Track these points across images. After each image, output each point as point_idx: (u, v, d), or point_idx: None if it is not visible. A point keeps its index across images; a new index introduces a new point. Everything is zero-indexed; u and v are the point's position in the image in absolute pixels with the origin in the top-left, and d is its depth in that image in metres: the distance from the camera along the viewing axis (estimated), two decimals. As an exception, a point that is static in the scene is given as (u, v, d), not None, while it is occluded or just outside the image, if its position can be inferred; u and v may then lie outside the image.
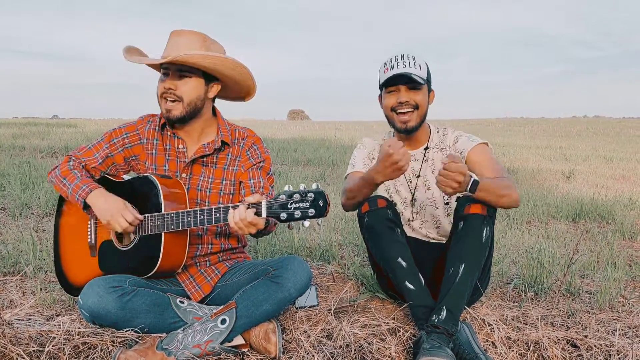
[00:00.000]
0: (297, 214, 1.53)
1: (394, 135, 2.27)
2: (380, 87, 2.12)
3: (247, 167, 1.99)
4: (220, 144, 1.97)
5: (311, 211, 1.52)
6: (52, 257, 2.61)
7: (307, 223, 1.54)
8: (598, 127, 26.25)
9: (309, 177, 6.30)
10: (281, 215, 1.55)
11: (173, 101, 1.85)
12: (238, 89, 2.02)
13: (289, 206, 1.54)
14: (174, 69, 1.83)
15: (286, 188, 1.57)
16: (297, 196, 1.54)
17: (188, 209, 1.74)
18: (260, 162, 2.00)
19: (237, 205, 1.63)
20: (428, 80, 2.08)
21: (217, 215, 1.69)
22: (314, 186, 1.55)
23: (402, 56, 2.05)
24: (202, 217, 1.71)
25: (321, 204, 1.52)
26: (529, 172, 7.80)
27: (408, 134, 2.11)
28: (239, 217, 1.60)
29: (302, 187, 1.55)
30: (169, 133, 1.98)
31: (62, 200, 2.07)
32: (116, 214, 1.76)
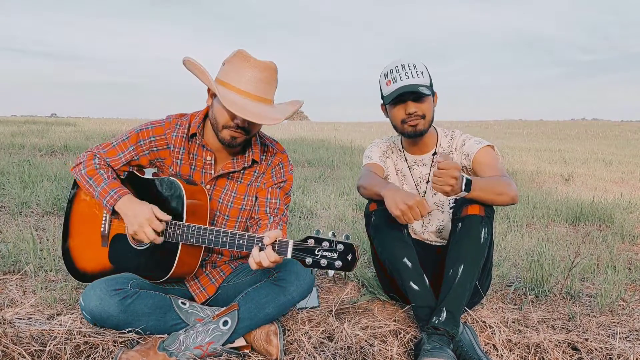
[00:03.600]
0: (323, 262, 1.51)
1: (401, 140, 2.27)
2: (385, 101, 2.10)
3: (268, 185, 1.96)
4: (250, 162, 1.93)
5: (338, 263, 1.49)
6: (52, 255, 2.61)
7: (331, 273, 1.52)
8: (596, 130, 26.31)
9: (308, 178, 6.30)
10: (307, 260, 1.52)
11: (240, 133, 1.79)
12: None
13: (315, 253, 1.51)
14: None
15: (315, 232, 1.54)
16: (325, 244, 1.51)
17: (211, 228, 1.70)
18: (282, 182, 1.97)
19: (262, 238, 1.58)
20: (430, 85, 2.07)
21: (240, 242, 1.65)
22: (344, 237, 1.52)
23: (403, 66, 2.02)
24: (224, 239, 1.67)
25: (349, 259, 1.49)
26: (528, 174, 7.81)
27: (418, 137, 2.11)
28: (263, 262, 1.57)
29: (331, 234, 1.53)
30: (197, 142, 1.91)
31: (76, 185, 2.01)
32: (144, 224, 1.69)
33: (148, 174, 1.99)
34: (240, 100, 1.70)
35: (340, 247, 1.49)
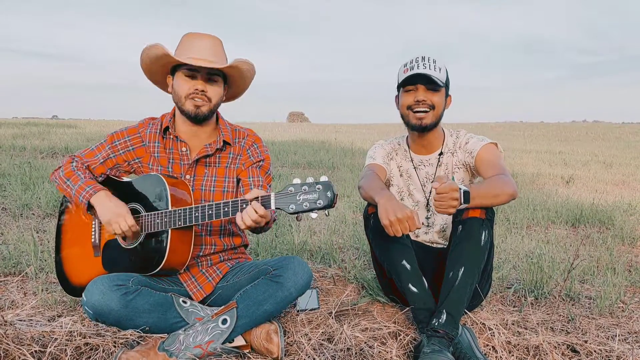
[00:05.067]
0: (306, 205, 1.55)
1: (407, 140, 2.28)
2: (399, 87, 2.13)
3: (247, 165, 2.03)
4: (222, 143, 2.00)
5: (319, 202, 1.54)
6: (53, 257, 2.61)
7: (314, 215, 1.57)
8: (597, 132, 26.30)
9: (309, 180, 6.30)
10: (290, 206, 1.57)
11: (202, 100, 1.89)
12: (234, 93, 2.11)
13: (297, 198, 1.56)
14: (204, 72, 1.88)
15: (294, 181, 1.59)
16: (305, 188, 1.56)
17: (196, 206, 1.75)
18: (260, 161, 2.04)
19: (246, 200, 1.65)
20: (446, 85, 2.09)
21: (226, 209, 1.70)
22: (322, 178, 1.56)
23: (423, 58, 2.06)
24: (210, 212, 1.72)
25: (329, 195, 1.54)
26: (528, 176, 7.81)
27: (422, 131, 2.12)
28: (251, 219, 1.62)
29: (310, 179, 1.57)
30: (171, 137, 2.00)
31: (64, 202, 2.08)
32: (118, 216, 1.79)
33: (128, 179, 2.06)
34: (193, 60, 1.85)
35: (319, 187, 1.55)
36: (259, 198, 1.63)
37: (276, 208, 1.61)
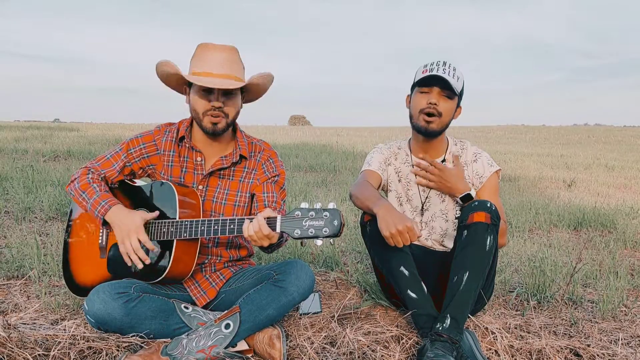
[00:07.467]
0: (311, 231, 1.55)
1: (409, 144, 2.28)
2: (413, 87, 2.13)
3: (262, 180, 2.02)
4: (238, 157, 1.99)
5: (325, 230, 1.54)
6: (56, 260, 2.62)
7: (319, 242, 1.56)
8: (599, 135, 26.26)
9: (310, 183, 6.31)
10: (295, 231, 1.56)
11: (218, 116, 1.87)
12: (251, 97, 2.10)
13: (303, 223, 1.56)
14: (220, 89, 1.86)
15: (302, 205, 1.58)
16: (312, 214, 1.55)
17: (202, 219, 1.75)
18: (275, 176, 2.03)
19: (252, 218, 1.65)
20: (460, 95, 2.10)
21: (232, 226, 1.70)
22: (330, 205, 1.56)
23: (444, 63, 2.06)
24: (216, 227, 1.73)
25: (336, 224, 1.54)
26: (530, 179, 7.81)
27: (427, 136, 2.12)
28: (254, 230, 1.62)
29: (317, 205, 1.57)
30: (187, 145, 2.00)
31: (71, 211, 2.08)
32: (130, 232, 1.77)
33: (140, 183, 2.06)
34: (207, 79, 1.83)
35: (326, 214, 1.54)
36: (265, 219, 1.62)
37: (281, 231, 1.61)
